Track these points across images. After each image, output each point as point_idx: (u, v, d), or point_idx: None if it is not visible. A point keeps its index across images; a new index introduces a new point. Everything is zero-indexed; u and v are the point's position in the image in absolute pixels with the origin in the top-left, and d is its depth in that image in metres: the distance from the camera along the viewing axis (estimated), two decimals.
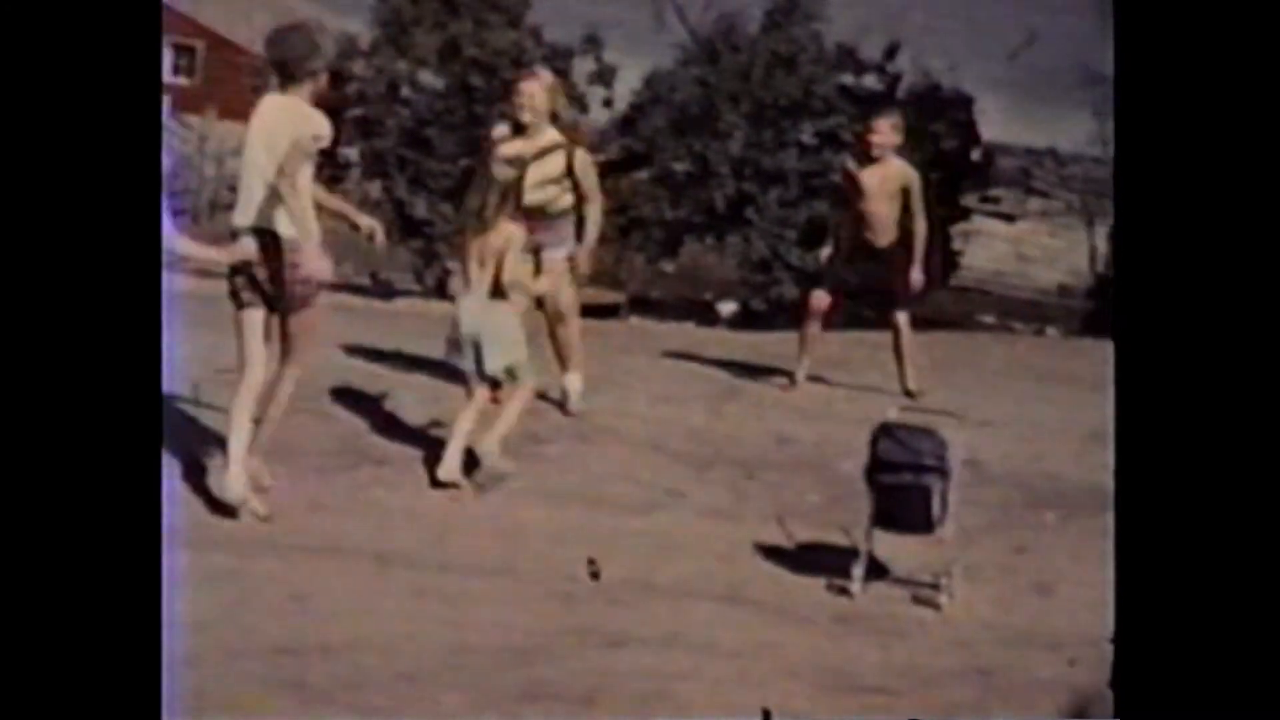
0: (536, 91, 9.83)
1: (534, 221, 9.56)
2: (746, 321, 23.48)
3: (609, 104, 26.68)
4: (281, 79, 8.42)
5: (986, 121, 27.48)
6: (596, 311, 16.82)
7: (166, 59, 46.20)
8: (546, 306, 10.05)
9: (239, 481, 8.17)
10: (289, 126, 8.24)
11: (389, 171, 25.51)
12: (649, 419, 10.52)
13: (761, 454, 10.06)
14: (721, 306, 26.03)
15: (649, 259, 27.07)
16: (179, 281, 8.80)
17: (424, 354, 10.64)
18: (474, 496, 8.78)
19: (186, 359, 9.75)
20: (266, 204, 8.24)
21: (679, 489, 9.30)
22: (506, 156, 9.52)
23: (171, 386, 8.58)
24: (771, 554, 8.39)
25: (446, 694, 6.26)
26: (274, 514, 8.18)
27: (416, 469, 9.01)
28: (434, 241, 24.99)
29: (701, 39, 27.39)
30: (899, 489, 7.88)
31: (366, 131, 25.43)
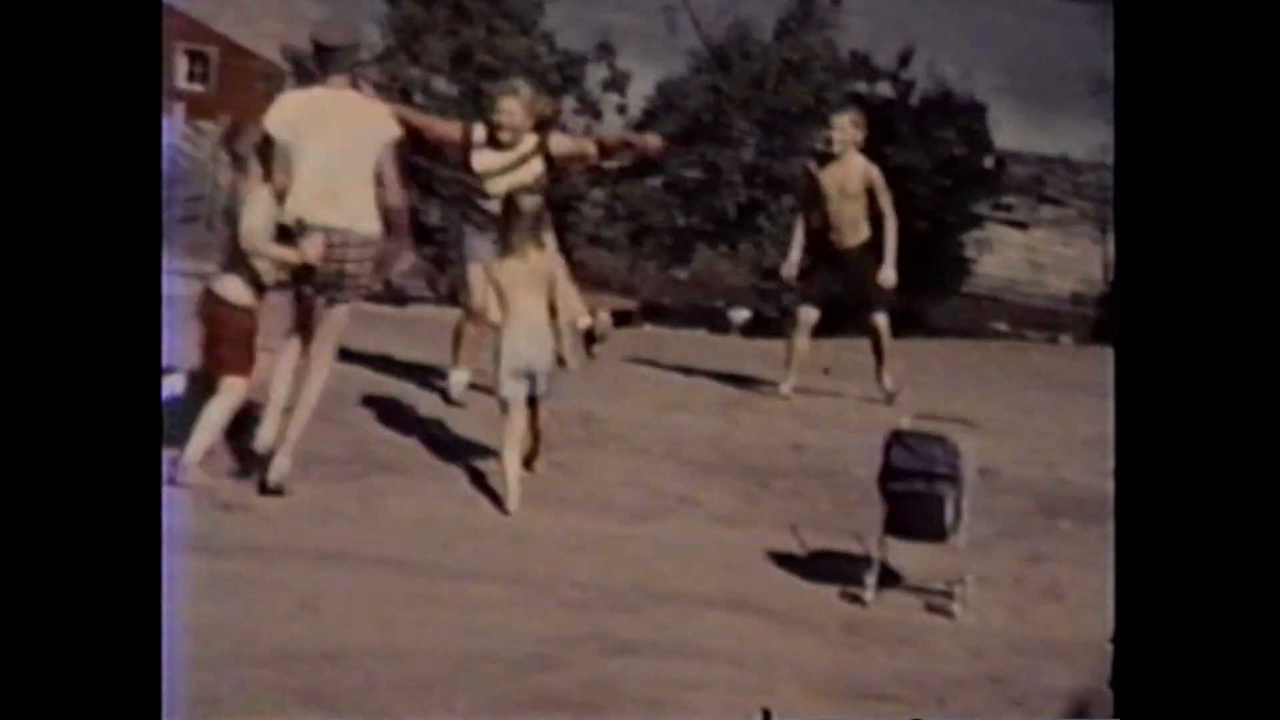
0: (514, 108, 9.70)
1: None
2: (758, 329, 23.48)
3: (622, 111, 26.72)
4: (323, 68, 8.66)
5: (999, 129, 27.49)
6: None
7: (180, 65, 46.27)
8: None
9: (270, 429, 8.43)
10: (362, 125, 8.48)
11: None
12: (661, 426, 10.51)
13: (773, 461, 10.05)
14: (733, 314, 26.03)
15: (661, 266, 27.11)
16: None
17: (436, 361, 10.64)
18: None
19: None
20: (342, 198, 8.36)
21: (691, 496, 9.29)
22: (484, 169, 9.49)
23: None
24: (784, 561, 8.37)
25: (457, 700, 6.24)
26: (284, 520, 8.18)
27: (428, 476, 9.00)
28: (447, 248, 24.98)
29: (714, 46, 27.42)
30: (912, 496, 7.86)
31: None
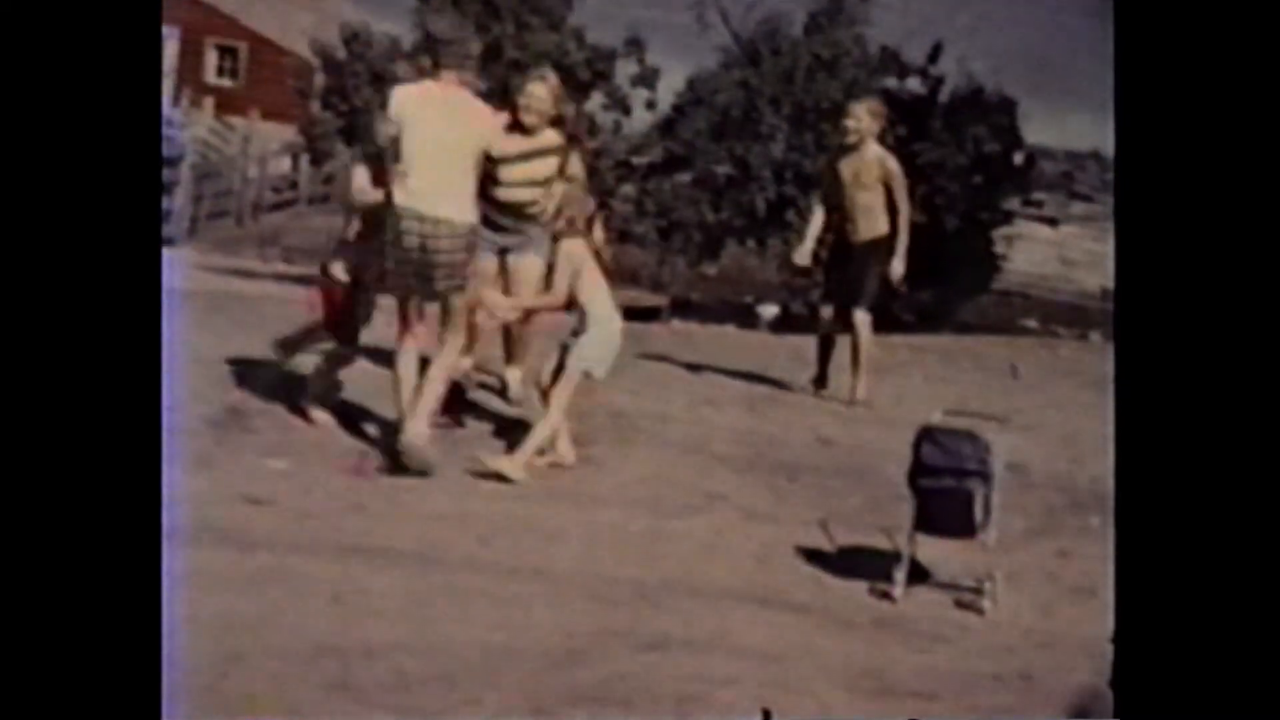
0: (543, 94, 9.77)
1: (504, 220, 9.60)
2: (787, 324, 23.45)
3: (651, 106, 26.71)
4: (434, 62, 8.94)
5: (1029, 125, 27.41)
6: (637, 314, 16.82)
7: (210, 61, 46.38)
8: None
9: (421, 430, 8.82)
10: (468, 122, 8.84)
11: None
12: (690, 421, 10.52)
13: (803, 457, 10.05)
14: (762, 309, 26.01)
15: (690, 262, 27.09)
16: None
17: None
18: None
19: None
20: (445, 189, 8.74)
21: (720, 491, 9.29)
22: (502, 153, 9.54)
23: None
24: (813, 557, 8.37)
25: (486, 695, 6.25)
26: (315, 514, 8.21)
27: (458, 470, 9.02)
28: None
29: (744, 41, 27.39)
30: (941, 493, 7.85)
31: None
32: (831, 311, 11.36)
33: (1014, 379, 13.48)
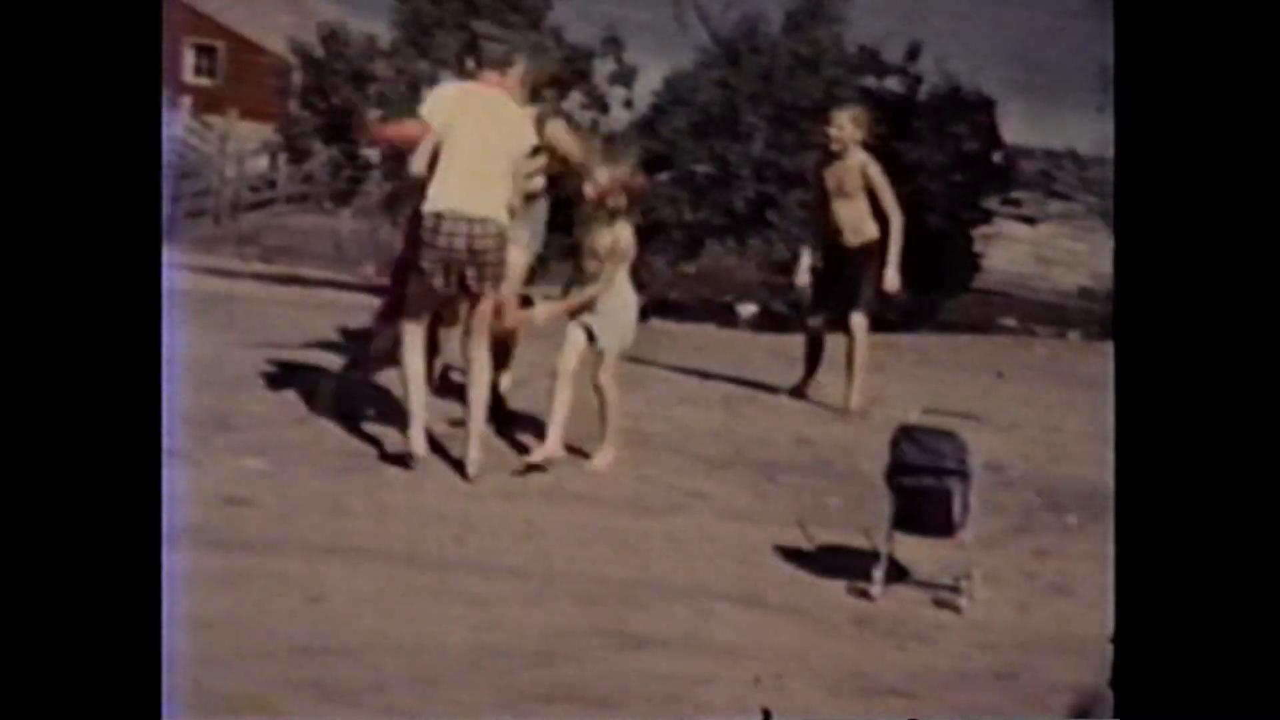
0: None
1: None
2: (767, 323, 23.47)
3: (630, 105, 26.70)
4: (477, 62, 8.92)
5: (1007, 124, 27.45)
6: None
7: (187, 60, 46.31)
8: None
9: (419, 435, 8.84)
10: (508, 125, 8.82)
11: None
12: (669, 420, 10.52)
13: (782, 456, 10.06)
14: (742, 308, 26.03)
15: (669, 261, 27.07)
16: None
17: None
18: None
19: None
20: (484, 189, 8.71)
21: (699, 490, 9.30)
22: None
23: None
24: (792, 556, 8.38)
25: (466, 695, 6.26)
26: (292, 513, 8.20)
27: (437, 469, 9.01)
28: None
29: (723, 40, 27.39)
30: (920, 491, 7.87)
31: None
32: (821, 321, 11.30)
33: (999, 377, 13.50)
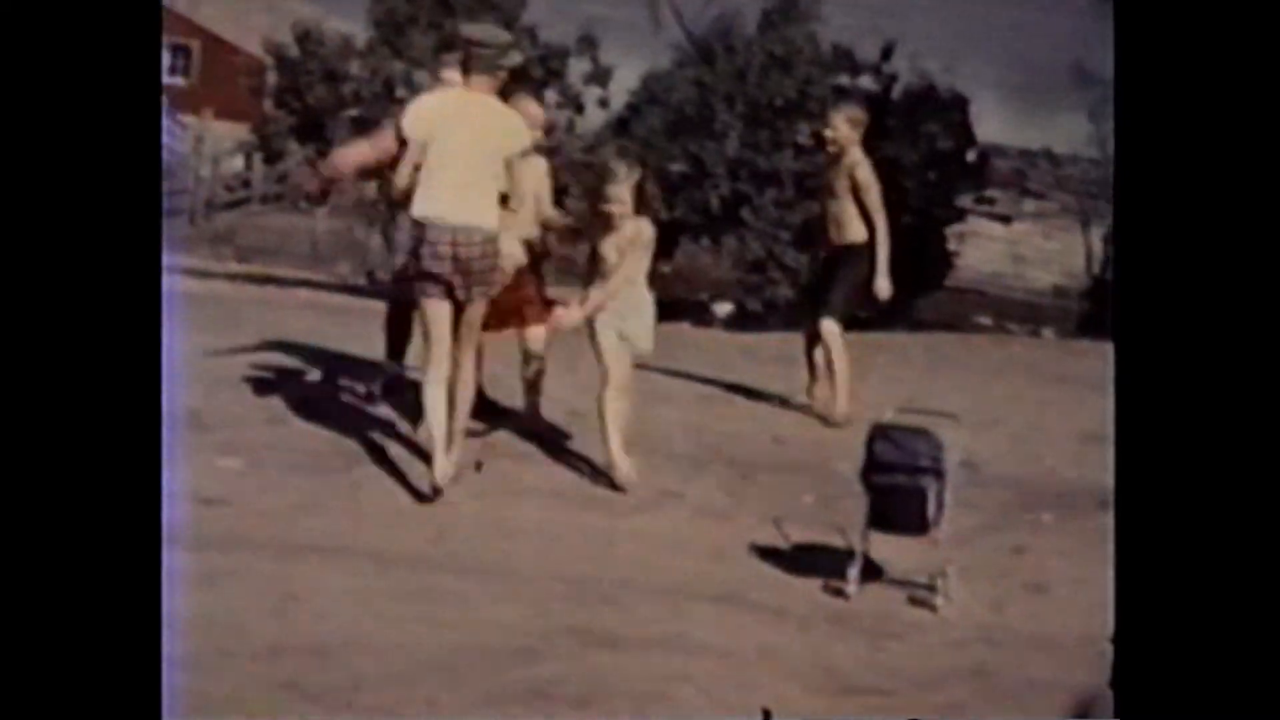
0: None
1: None
2: (742, 322, 23.47)
3: (604, 104, 26.69)
4: (466, 68, 8.80)
5: (982, 123, 27.49)
6: None
7: (163, 59, 46.21)
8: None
9: (444, 468, 8.58)
10: (497, 129, 8.70)
11: (384, 172, 25.45)
12: (644, 419, 10.52)
13: (757, 455, 10.06)
14: (717, 307, 26.01)
15: None
16: (179, 281, 8.87)
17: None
18: None
19: (186, 359, 9.78)
20: (470, 196, 8.62)
21: (675, 489, 9.30)
22: None
23: (171, 386, 8.62)
24: (767, 555, 8.39)
25: (442, 695, 6.26)
26: (268, 513, 8.19)
27: (412, 469, 9.00)
28: None
29: (698, 40, 27.37)
30: (895, 490, 7.88)
31: (363, 132, 25.38)
32: (807, 323, 11.35)
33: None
